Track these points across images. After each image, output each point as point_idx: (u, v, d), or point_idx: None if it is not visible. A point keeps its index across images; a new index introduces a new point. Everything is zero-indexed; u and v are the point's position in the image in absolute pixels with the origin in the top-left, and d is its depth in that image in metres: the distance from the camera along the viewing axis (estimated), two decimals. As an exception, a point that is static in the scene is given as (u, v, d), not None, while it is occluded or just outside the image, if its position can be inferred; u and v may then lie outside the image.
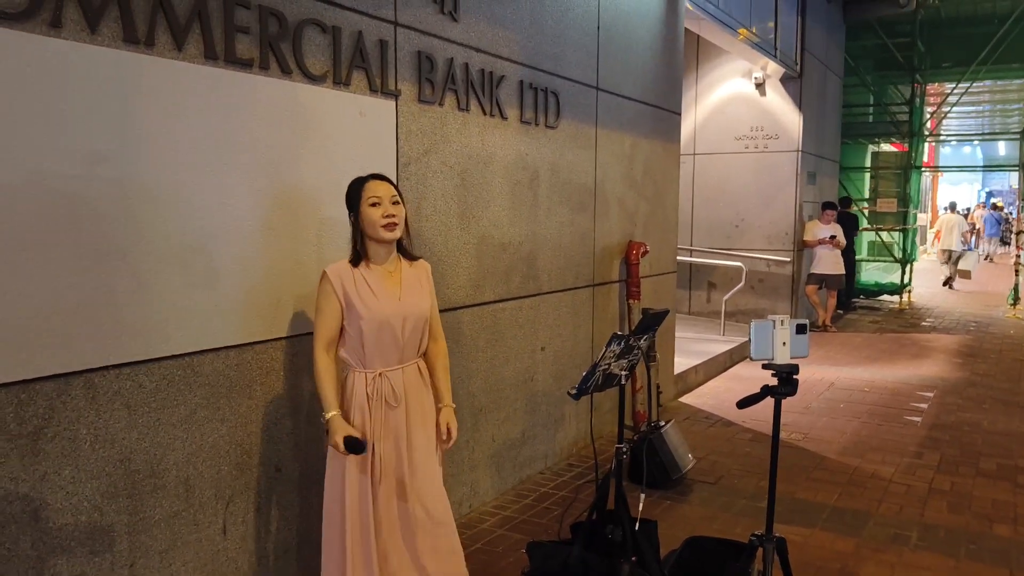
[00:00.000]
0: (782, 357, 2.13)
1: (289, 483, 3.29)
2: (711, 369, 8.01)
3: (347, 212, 2.85)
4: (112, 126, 2.57)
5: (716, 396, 7.25)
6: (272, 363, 3.17)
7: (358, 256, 2.83)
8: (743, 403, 2.22)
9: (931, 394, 7.35)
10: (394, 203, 2.80)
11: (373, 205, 2.78)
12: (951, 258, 17.00)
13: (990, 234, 25.59)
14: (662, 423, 5.00)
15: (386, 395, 2.81)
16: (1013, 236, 14.46)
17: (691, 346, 8.30)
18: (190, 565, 2.90)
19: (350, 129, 3.44)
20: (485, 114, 4.27)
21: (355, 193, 2.83)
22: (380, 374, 2.82)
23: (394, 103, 3.66)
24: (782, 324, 2.11)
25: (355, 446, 2.67)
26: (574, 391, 2.72)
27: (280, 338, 3.20)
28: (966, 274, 17.69)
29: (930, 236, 20.86)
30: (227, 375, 2.99)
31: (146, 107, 2.66)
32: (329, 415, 2.74)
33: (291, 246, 3.21)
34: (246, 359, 3.06)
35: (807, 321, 2.15)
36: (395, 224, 2.79)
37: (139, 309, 2.68)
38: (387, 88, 3.61)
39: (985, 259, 25.05)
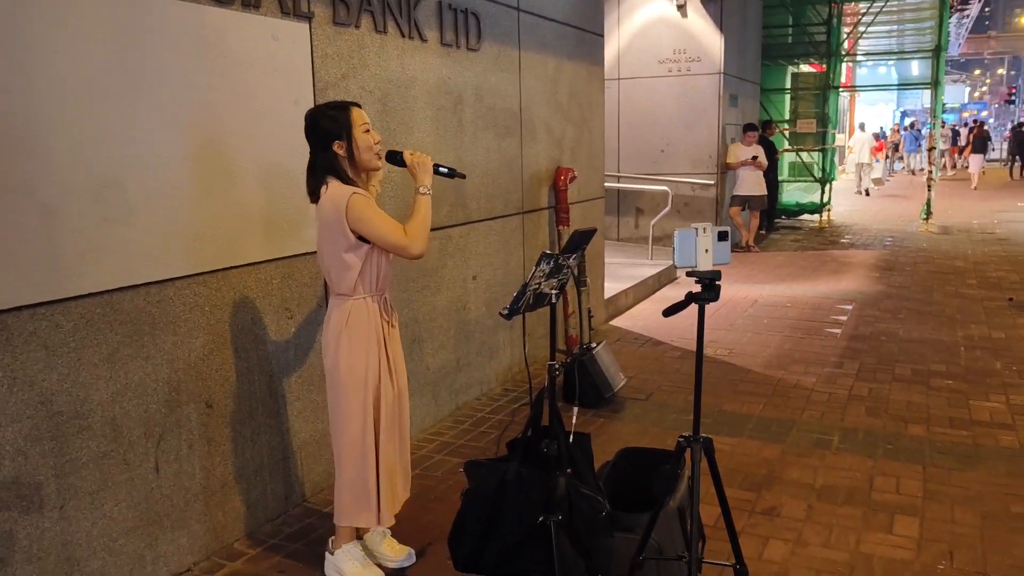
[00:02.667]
0: (704, 264, 2.17)
1: (221, 418, 3.25)
2: (640, 292, 8.15)
3: (322, 140, 2.77)
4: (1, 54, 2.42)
5: (645, 318, 7.39)
6: (196, 298, 3.09)
7: (351, 184, 2.78)
8: (668, 311, 2.26)
9: (850, 307, 7.64)
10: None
11: (366, 131, 2.81)
12: (863, 170, 20.46)
13: (909, 150, 27.23)
14: (594, 345, 5.09)
15: (390, 316, 2.96)
16: (926, 152, 14.95)
17: (620, 271, 8.42)
18: (123, 504, 2.86)
19: (262, 54, 3.31)
20: (404, 36, 4.16)
21: (342, 119, 2.77)
22: (384, 297, 2.93)
23: (308, 26, 3.53)
24: (704, 232, 2.14)
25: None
26: (506, 311, 2.73)
27: (203, 273, 3.11)
28: (879, 181, 21.89)
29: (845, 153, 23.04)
30: (149, 312, 2.91)
31: (38, 33, 2.50)
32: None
33: (207, 178, 3.11)
34: (168, 295, 2.98)
35: (728, 228, 2.18)
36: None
37: (51, 247, 2.57)
38: (299, 10, 3.47)
39: (910, 172, 27.64)
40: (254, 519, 3.45)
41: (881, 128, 33.13)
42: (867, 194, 20.12)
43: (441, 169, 2.99)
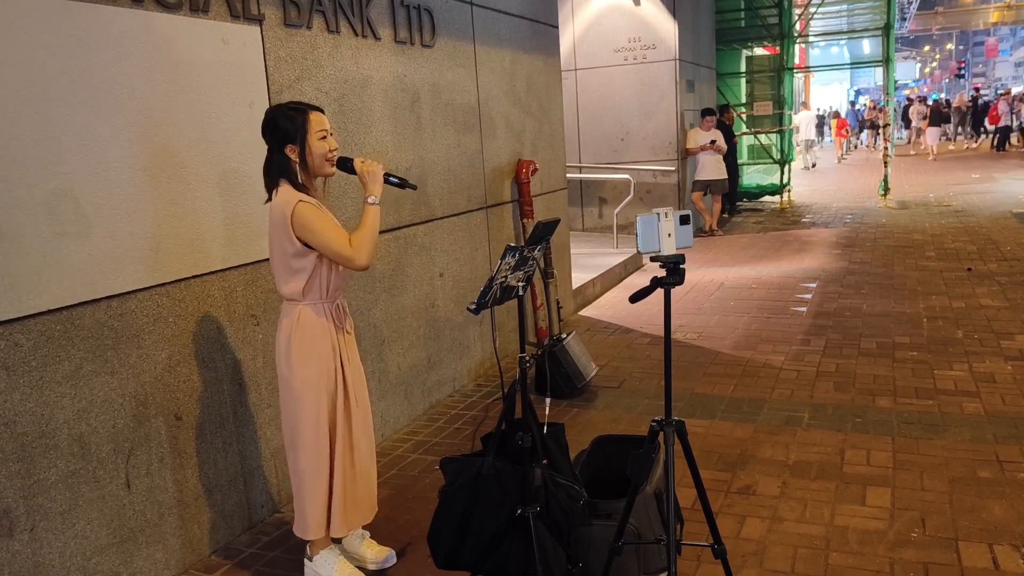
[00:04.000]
0: (668, 248, 2.18)
1: (192, 430, 3.21)
2: (607, 281, 8.19)
3: (277, 142, 2.74)
4: (-54, 68, 2.36)
5: (614, 306, 7.43)
6: (159, 310, 3.05)
7: (302, 189, 2.76)
8: (635, 297, 2.27)
9: (814, 285, 7.73)
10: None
11: (323, 138, 2.77)
12: (809, 145, 22.59)
13: (853, 127, 28.61)
14: (564, 336, 5.10)
15: (344, 322, 2.92)
16: (881, 129, 15.17)
17: (587, 260, 8.45)
18: (95, 523, 2.81)
19: (214, 59, 3.27)
20: (357, 35, 4.13)
21: (298, 123, 2.73)
22: (337, 304, 2.89)
23: (259, 28, 3.48)
24: (666, 216, 2.15)
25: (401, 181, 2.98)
26: (473, 306, 2.73)
27: (164, 284, 3.07)
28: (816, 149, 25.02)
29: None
30: (111, 326, 2.86)
31: (-17, 45, 2.45)
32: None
33: (165, 187, 3.06)
34: (130, 308, 2.93)
35: (689, 212, 2.20)
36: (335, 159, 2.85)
37: (5, 264, 2.52)
38: (249, 13, 3.43)
39: (853, 148, 29.34)
40: (230, 530, 3.41)
41: (836, 106, 34.11)
42: (813, 166, 22.02)
43: (392, 179, 2.95)
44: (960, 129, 28.63)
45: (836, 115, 27.14)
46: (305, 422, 2.84)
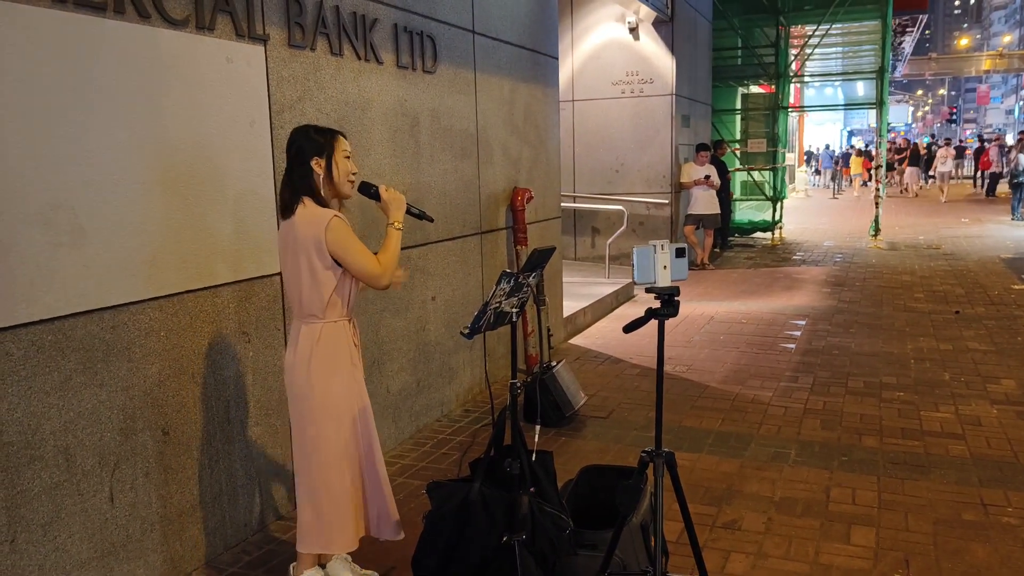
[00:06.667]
0: (663, 280, 2.20)
1: (179, 445, 3.19)
2: (598, 311, 8.20)
3: (302, 156, 2.77)
4: (-48, 75, 2.37)
5: (604, 336, 7.44)
6: (151, 324, 3.05)
7: (325, 206, 2.81)
8: (629, 327, 2.28)
9: (803, 322, 7.77)
10: None
11: (347, 158, 2.86)
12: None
13: (826, 167, 29.42)
14: (554, 364, 5.11)
15: (358, 338, 3.00)
16: (873, 171, 15.34)
17: (578, 290, 8.47)
18: (76, 536, 2.78)
19: (217, 76, 3.29)
20: (360, 59, 4.17)
21: (326, 143, 2.81)
22: (352, 320, 2.95)
23: (263, 48, 3.52)
24: (662, 249, 2.18)
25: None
26: (467, 331, 2.74)
27: (158, 297, 3.07)
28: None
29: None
30: (102, 338, 2.85)
31: (-11, 54, 2.47)
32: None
33: (161, 201, 3.07)
34: (122, 320, 2.93)
35: (685, 245, 2.23)
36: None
37: (-1, 272, 2.52)
38: (254, 33, 3.46)
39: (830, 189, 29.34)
40: (213, 547, 3.38)
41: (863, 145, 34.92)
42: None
43: (413, 210, 3.06)
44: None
45: (859, 152, 27.33)
46: (326, 437, 2.85)
